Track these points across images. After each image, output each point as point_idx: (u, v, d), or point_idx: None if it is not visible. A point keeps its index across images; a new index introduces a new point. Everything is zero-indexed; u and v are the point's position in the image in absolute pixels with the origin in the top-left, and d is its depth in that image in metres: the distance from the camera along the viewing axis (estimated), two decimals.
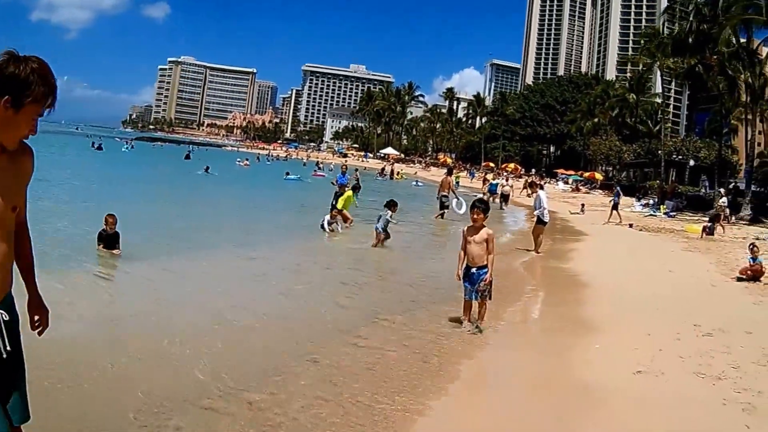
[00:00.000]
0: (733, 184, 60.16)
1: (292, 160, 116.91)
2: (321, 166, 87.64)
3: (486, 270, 10.53)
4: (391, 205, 20.33)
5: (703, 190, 59.95)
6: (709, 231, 31.11)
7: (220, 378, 7.56)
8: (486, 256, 10.55)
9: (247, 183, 50.85)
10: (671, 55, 59.47)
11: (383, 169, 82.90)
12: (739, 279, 17.27)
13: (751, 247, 17.99)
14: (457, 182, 54.44)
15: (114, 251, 14.29)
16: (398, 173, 79.28)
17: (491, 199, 44.86)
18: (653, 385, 8.34)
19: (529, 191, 37.76)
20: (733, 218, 41.53)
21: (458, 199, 31.52)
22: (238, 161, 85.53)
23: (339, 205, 23.33)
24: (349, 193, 24.16)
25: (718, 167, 53.95)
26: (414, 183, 69.25)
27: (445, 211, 30.76)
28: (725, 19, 46.11)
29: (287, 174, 55.57)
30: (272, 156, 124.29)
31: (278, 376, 7.88)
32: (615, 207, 38.19)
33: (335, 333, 10.22)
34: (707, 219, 35.93)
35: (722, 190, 45.77)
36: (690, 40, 51.77)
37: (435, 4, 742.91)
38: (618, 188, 44.25)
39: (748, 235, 32.52)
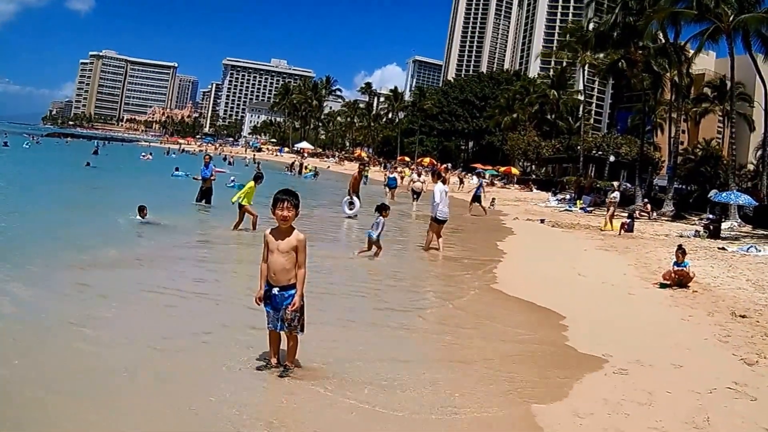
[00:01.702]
0: (650, 180, 58.79)
1: (201, 154, 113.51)
2: (231, 161, 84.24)
3: (294, 290, 7.12)
4: (383, 209, 16.94)
5: (623, 186, 58.49)
6: (628, 228, 28.45)
7: None
8: (294, 272, 7.10)
9: (129, 179, 46.35)
10: (594, 48, 57.61)
11: (293, 163, 79.36)
12: (663, 285, 14.07)
13: (678, 249, 14.73)
14: (366, 177, 51.04)
15: None
16: (306, 167, 75.90)
17: (389, 195, 41.43)
18: None
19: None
20: (655, 214, 40.42)
21: (352, 198, 27.91)
22: (142, 155, 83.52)
23: (243, 199, 19.95)
24: (250, 183, 20.70)
25: (639, 163, 52.07)
26: (306, 176, 67.45)
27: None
28: (653, 12, 43.85)
29: (176, 169, 50.88)
30: (178, 150, 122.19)
31: None
32: (476, 200, 36.23)
33: None
34: (626, 215, 33.45)
35: (615, 184, 43.79)
36: (615, 33, 49.87)
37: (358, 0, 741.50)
38: (481, 180, 41.82)
39: (670, 231, 31.08)
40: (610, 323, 10.96)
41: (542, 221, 32.40)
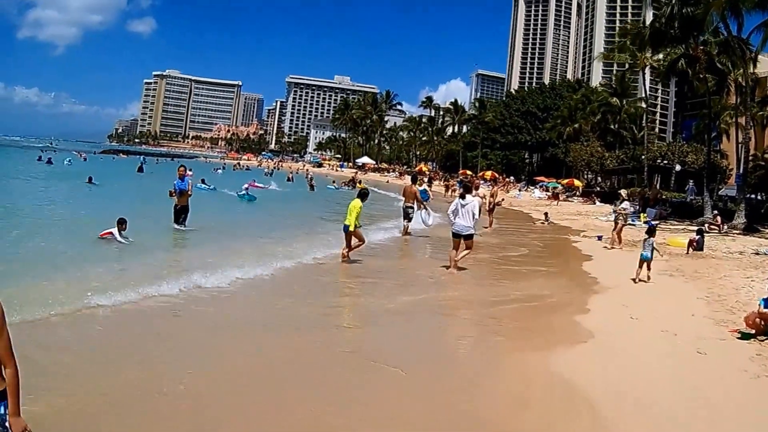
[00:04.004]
0: (716, 188, 54.57)
1: (256, 168, 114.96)
2: (291, 177, 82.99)
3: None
4: (652, 232, 17.54)
5: (690, 197, 54.16)
6: (697, 245, 24.77)
7: None
8: None
9: (126, 193, 44.32)
10: (650, 46, 53.56)
11: (351, 179, 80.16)
12: (745, 336, 10.43)
13: None
14: (423, 190, 48.42)
15: None
16: (359, 182, 74.31)
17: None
18: None
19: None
20: (725, 227, 36.97)
21: (427, 209, 27.31)
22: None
23: (351, 223, 17.65)
24: (357, 203, 18.25)
25: (707, 172, 47.80)
26: (331, 187, 69.08)
27: (409, 223, 27.00)
28: None
29: (202, 182, 47.52)
30: (234, 166, 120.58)
31: None
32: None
33: None
34: (695, 229, 29.52)
35: (623, 192, 38.46)
36: (672, 28, 45.85)
37: (420, 16, 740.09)
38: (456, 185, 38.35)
39: (744, 247, 27.00)
40: (666, 415, 7.21)
41: (599, 238, 29.25)
